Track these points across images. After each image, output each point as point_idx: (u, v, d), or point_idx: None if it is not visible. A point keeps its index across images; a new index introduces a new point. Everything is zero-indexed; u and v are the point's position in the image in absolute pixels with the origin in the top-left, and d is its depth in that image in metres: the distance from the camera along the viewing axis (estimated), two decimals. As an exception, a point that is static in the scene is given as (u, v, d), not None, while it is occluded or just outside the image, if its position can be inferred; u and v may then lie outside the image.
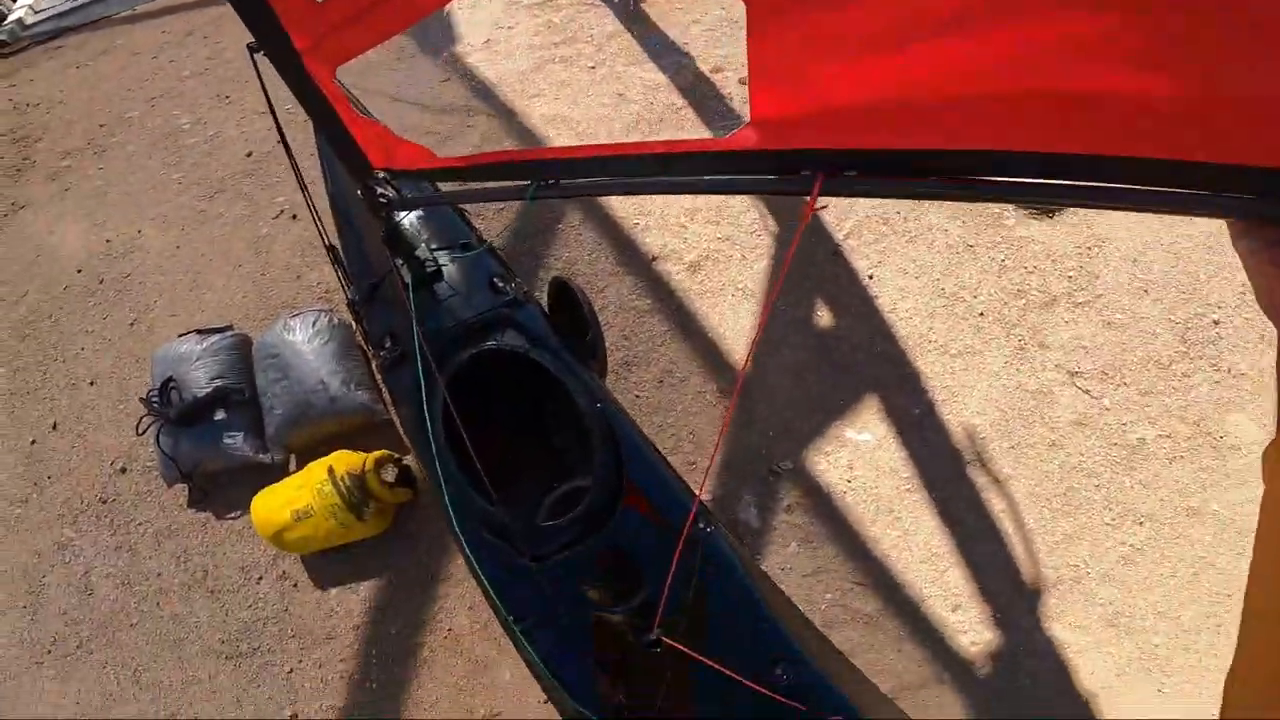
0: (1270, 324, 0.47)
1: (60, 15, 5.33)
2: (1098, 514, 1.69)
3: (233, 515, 2.06)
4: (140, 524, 2.14)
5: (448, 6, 2.56)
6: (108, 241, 2.59)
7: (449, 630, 1.79)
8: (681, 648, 0.98)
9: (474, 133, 2.61)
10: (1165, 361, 1.85)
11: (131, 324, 2.37)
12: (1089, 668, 1.53)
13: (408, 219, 1.51)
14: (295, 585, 1.99)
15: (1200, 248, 2.02)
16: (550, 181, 0.88)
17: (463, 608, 1.82)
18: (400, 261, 1.42)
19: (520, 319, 1.35)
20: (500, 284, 1.41)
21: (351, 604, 1.90)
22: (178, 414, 1.80)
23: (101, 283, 2.49)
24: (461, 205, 1.06)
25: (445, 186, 1.70)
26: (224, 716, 1.86)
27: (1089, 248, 2.04)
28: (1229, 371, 1.83)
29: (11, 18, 5.55)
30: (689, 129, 2.45)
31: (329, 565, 1.95)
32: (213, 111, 3.00)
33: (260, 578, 2.02)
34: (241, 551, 2.05)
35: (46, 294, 2.55)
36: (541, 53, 2.82)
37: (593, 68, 2.89)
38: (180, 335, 2.06)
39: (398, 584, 1.89)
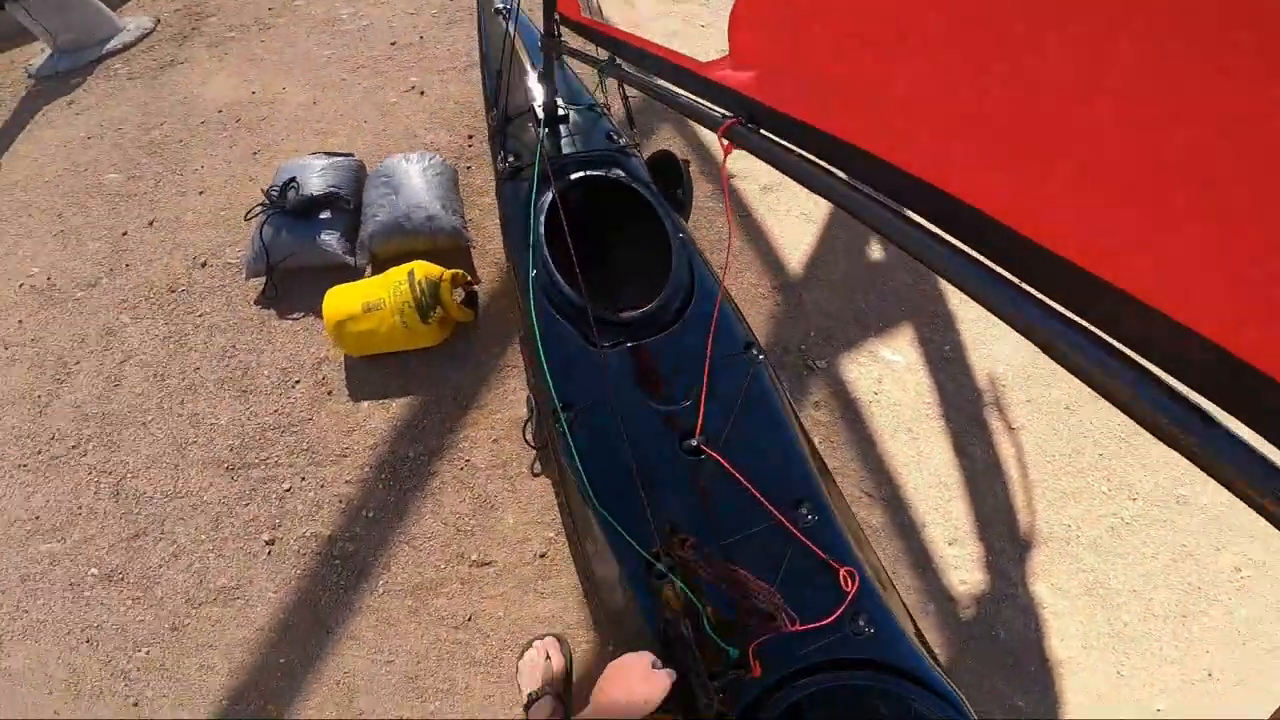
0: None
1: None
2: (1096, 481, 1.78)
3: (295, 315, 2.14)
4: (200, 315, 2.20)
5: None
6: (252, 93, 2.89)
7: (467, 461, 1.82)
8: (717, 457, 1.03)
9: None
10: None
11: (255, 153, 2.61)
12: (1061, 632, 1.56)
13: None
14: (330, 393, 1.99)
15: None
16: (617, 62, 1.19)
17: (487, 440, 1.85)
18: (537, 102, 1.69)
19: (626, 162, 1.55)
20: (614, 137, 1.64)
21: (377, 420, 1.92)
22: (292, 205, 2.01)
23: (238, 121, 2.76)
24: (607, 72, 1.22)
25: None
26: (196, 538, 1.82)
27: None
28: None
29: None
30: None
31: (370, 374, 2.00)
32: (370, 8, 3.33)
33: (298, 382, 2.03)
34: (289, 353, 2.08)
35: (183, 125, 2.83)
36: (661, 7, 3.03)
37: (703, 26, 3.07)
38: (310, 154, 2.27)
39: (431, 404, 1.92)
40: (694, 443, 1.07)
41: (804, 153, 0.61)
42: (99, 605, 1.81)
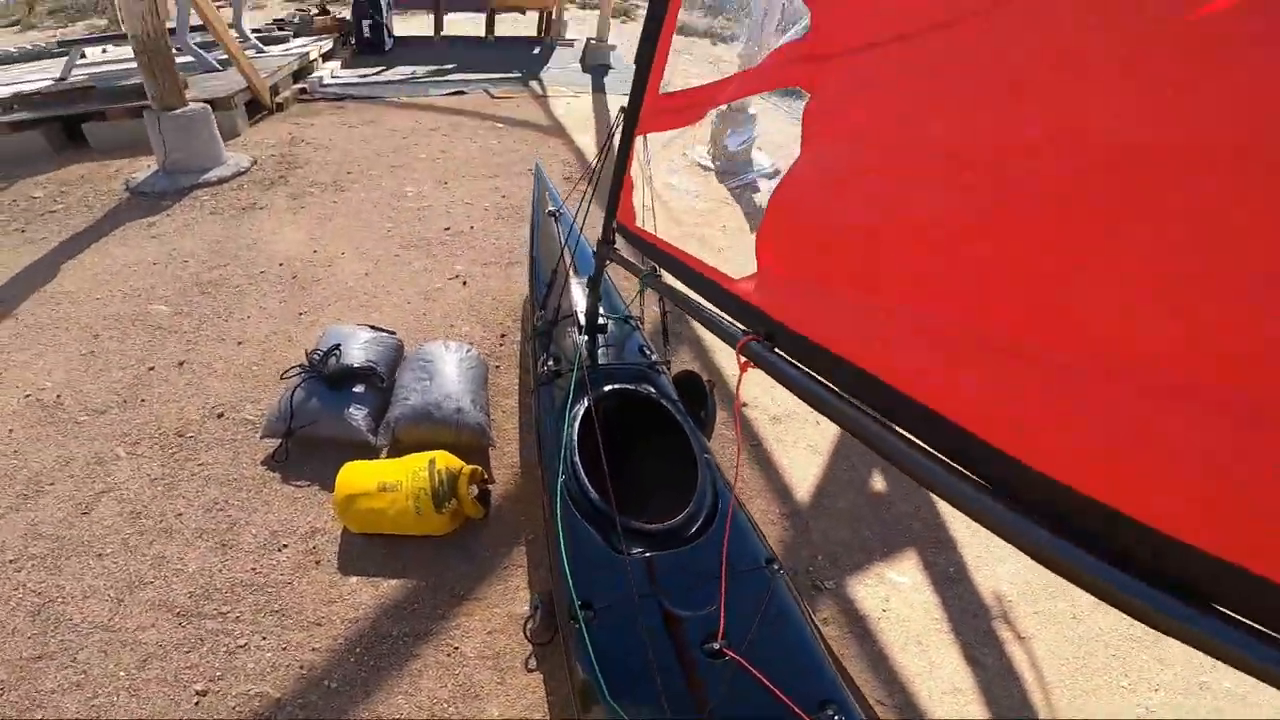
0: None
1: (347, 85, 6.71)
2: (1115, 677, 1.87)
3: (299, 483, 2.14)
4: (200, 464, 2.20)
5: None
6: (314, 252, 3.17)
7: (455, 649, 1.77)
8: (739, 659, 1.06)
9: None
10: None
11: (301, 314, 2.79)
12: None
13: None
14: (317, 562, 1.95)
15: None
16: (659, 274, 1.33)
17: (481, 631, 1.80)
18: (580, 309, 1.89)
19: (656, 379, 1.71)
20: (647, 351, 1.79)
21: (364, 596, 1.88)
22: (330, 372, 2.13)
23: (294, 278, 2.99)
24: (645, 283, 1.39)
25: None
26: (111, 673, 1.69)
27: None
28: None
29: (315, 74, 7.03)
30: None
31: (366, 551, 1.97)
32: (432, 190, 3.76)
33: (285, 546, 1.98)
34: (283, 517, 2.04)
35: (244, 270, 3.06)
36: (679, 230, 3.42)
37: (720, 250, 3.40)
38: (357, 324, 2.44)
39: (425, 589, 1.89)
40: (716, 646, 1.10)
41: (818, 377, 0.63)
42: None
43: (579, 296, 2.03)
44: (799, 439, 2.44)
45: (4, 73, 7.11)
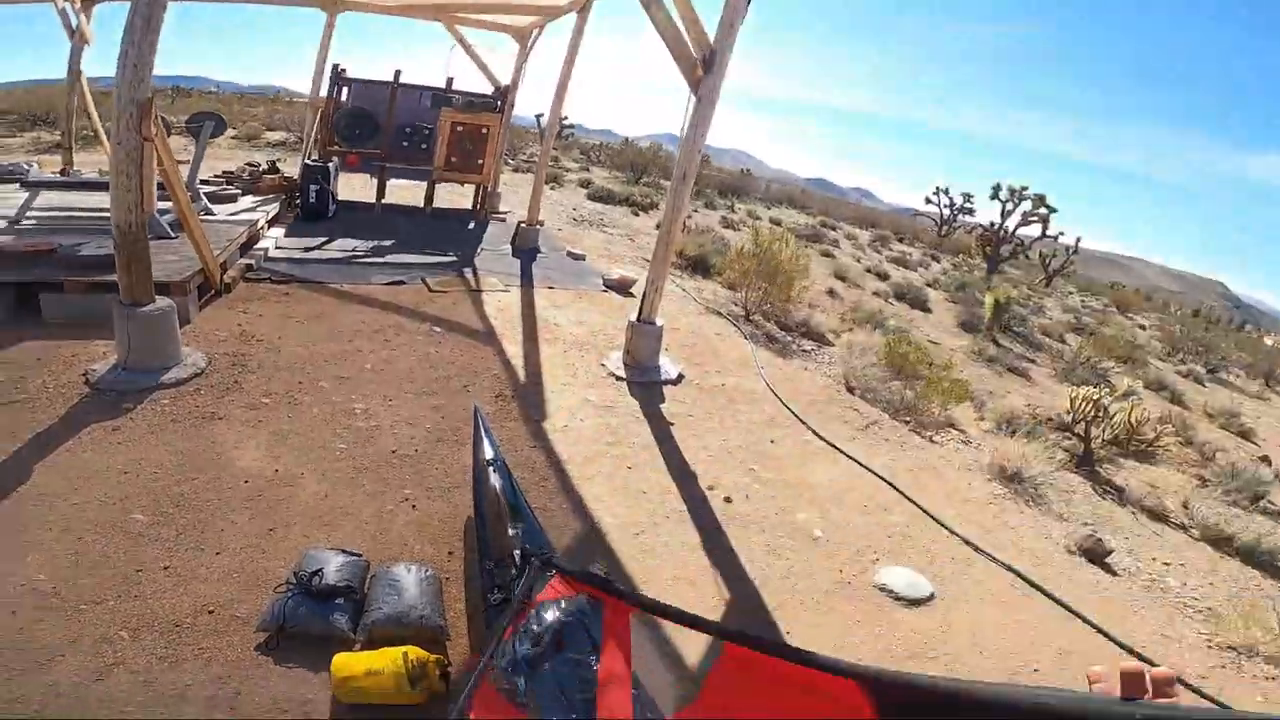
0: None
1: (292, 262, 7.38)
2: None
3: (289, 664, 2.63)
4: (200, 649, 2.64)
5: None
6: (275, 471, 3.82)
7: None
8: None
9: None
10: None
11: (270, 530, 3.44)
12: None
13: None
14: None
15: (1025, 627, 3.57)
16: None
17: None
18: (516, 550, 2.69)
19: None
20: None
21: None
22: (315, 589, 2.84)
23: (260, 496, 3.62)
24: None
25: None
26: None
27: (944, 628, 3.53)
28: None
29: (261, 243, 7.66)
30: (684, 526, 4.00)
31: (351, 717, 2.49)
32: (378, 407, 4.52)
33: (284, 711, 2.45)
34: (281, 689, 2.53)
35: (212, 486, 3.67)
36: (597, 447, 4.43)
37: (629, 468, 4.20)
38: (329, 547, 3.15)
39: None
40: None
41: None
42: None
43: (515, 537, 2.81)
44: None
45: None
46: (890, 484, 5.14)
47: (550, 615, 1.80)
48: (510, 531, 2.91)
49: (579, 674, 1.64)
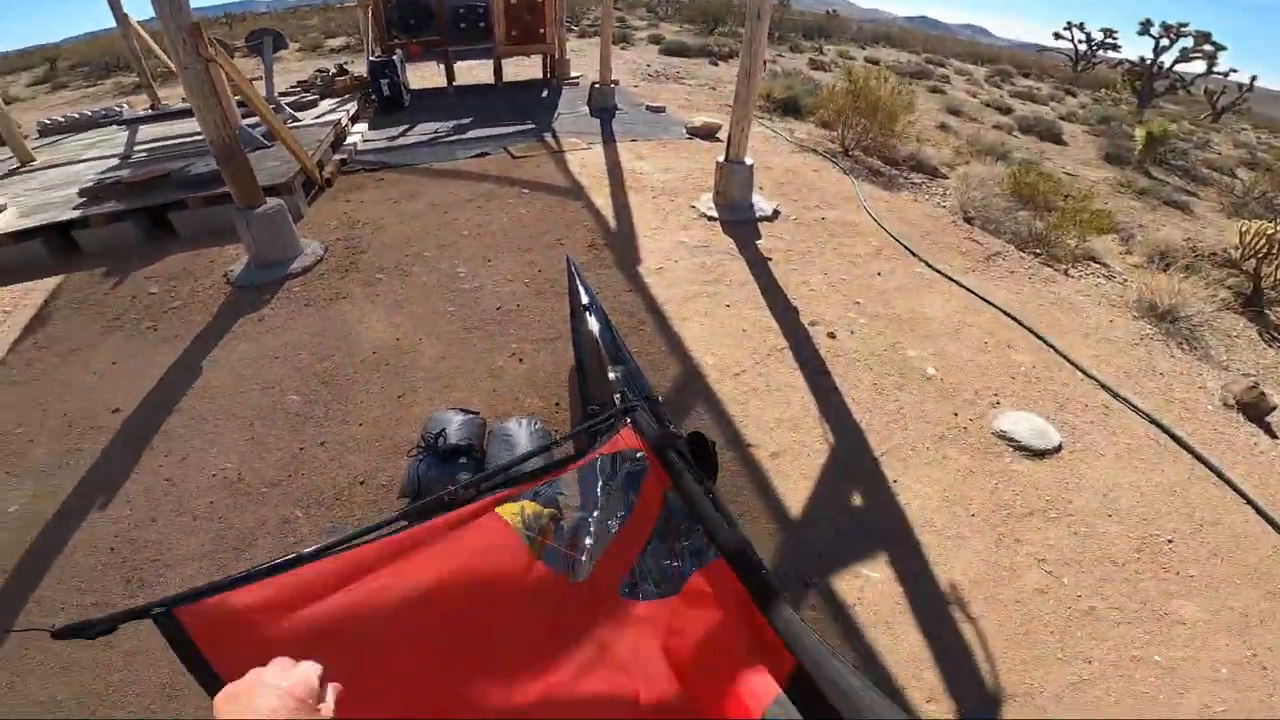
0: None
1: (380, 151, 7.46)
2: (1051, 650, 2.41)
3: None
4: (358, 520, 2.93)
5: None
6: (397, 340, 3.98)
7: None
8: None
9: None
10: (1120, 561, 2.80)
11: (399, 396, 3.61)
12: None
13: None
14: None
15: (1164, 490, 3.18)
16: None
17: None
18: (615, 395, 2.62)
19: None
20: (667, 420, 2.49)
21: None
22: (442, 450, 2.95)
23: (387, 365, 3.81)
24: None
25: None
26: None
27: (1069, 484, 3.19)
28: (1178, 574, 2.76)
29: (349, 140, 7.77)
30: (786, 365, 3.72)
31: None
32: (479, 269, 4.57)
33: None
34: None
35: (348, 360, 3.89)
36: (694, 288, 4.20)
37: (727, 306, 4.07)
38: (450, 408, 3.24)
39: None
40: None
41: None
42: None
43: (613, 379, 2.76)
44: (793, 469, 3.20)
45: (59, 150, 7.96)
46: (1014, 318, 4.43)
47: (606, 470, 1.70)
48: (610, 376, 2.87)
49: (599, 530, 1.59)
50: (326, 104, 9.01)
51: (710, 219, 5.66)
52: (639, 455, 1.69)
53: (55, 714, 2.26)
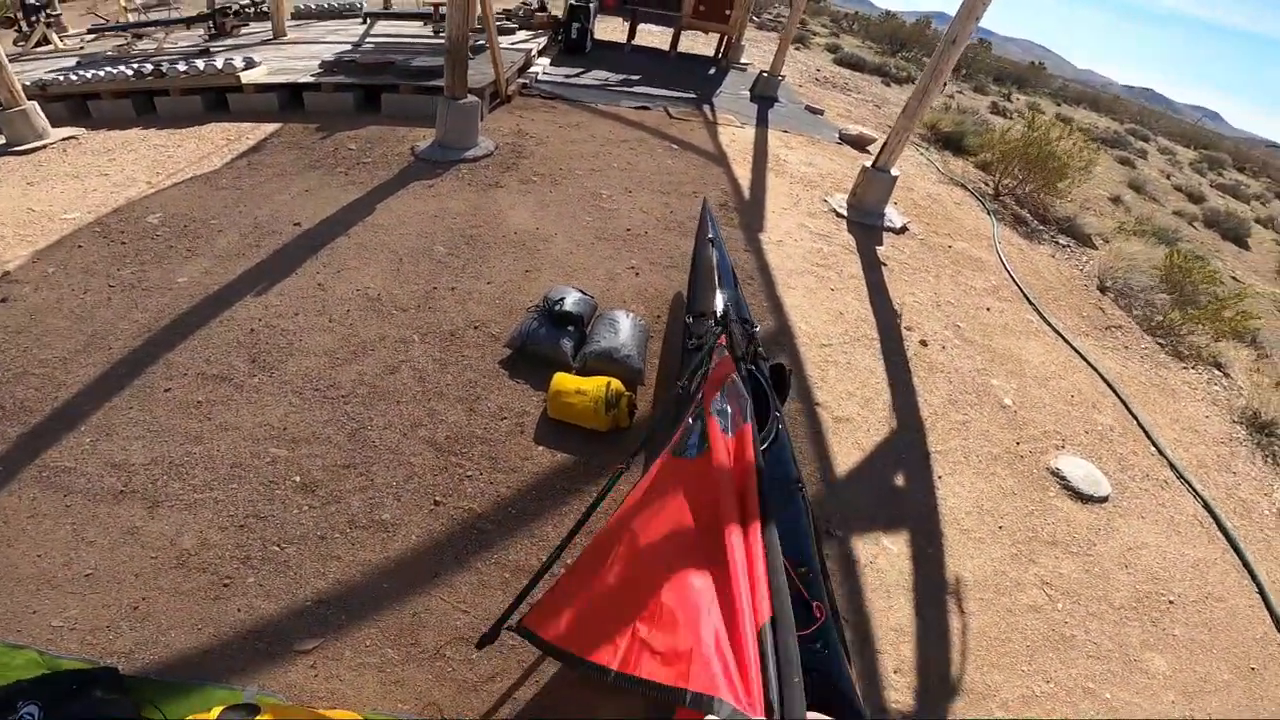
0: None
1: (556, 84, 7.84)
2: (1021, 661, 2.45)
3: (519, 381, 3.12)
4: (462, 356, 3.21)
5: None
6: (536, 229, 4.38)
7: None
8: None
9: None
10: (1117, 604, 2.78)
11: (526, 271, 3.98)
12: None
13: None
14: (522, 431, 2.85)
15: (1187, 562, 3.10)
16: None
17: (609, 497, 2.47)
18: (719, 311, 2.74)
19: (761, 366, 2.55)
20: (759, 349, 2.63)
21: (546, 460, 2.76)
22: (556, 314, 3.24)
23: (523, 245, 4.20)
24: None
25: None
26: (388, 482, 2.52)
27: (1100, 530, 3.12)
28: (1163, 630, 2.74)
29: (533, 69, 8.23)
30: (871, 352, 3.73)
31: (553, 432, 2.86)
32: (620, 196, 4.89)
33: (505, 418, 2.90)
34: (507, 400, 3.00)
35: (492, 233, 4.32)
36: (805, 265, 4.28)
37: (832, 290, 4.12)
38: (571, 286, 3.53)
39: (581, 463, 2.77)
40: None
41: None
42: (277, 503, 2.39)
43: (718, 300, 2.91)
44: (850, 437, 3.27)
45: (307, 31, 8.92)
46: (1110, 384, 4.23)
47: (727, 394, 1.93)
48: (718, 296, 3.05)
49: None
50: (522, 34, 9.62)
51: (839, 215, 5.66)
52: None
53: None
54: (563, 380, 2.95)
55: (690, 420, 1.83)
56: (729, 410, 1.81)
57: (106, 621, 2.02)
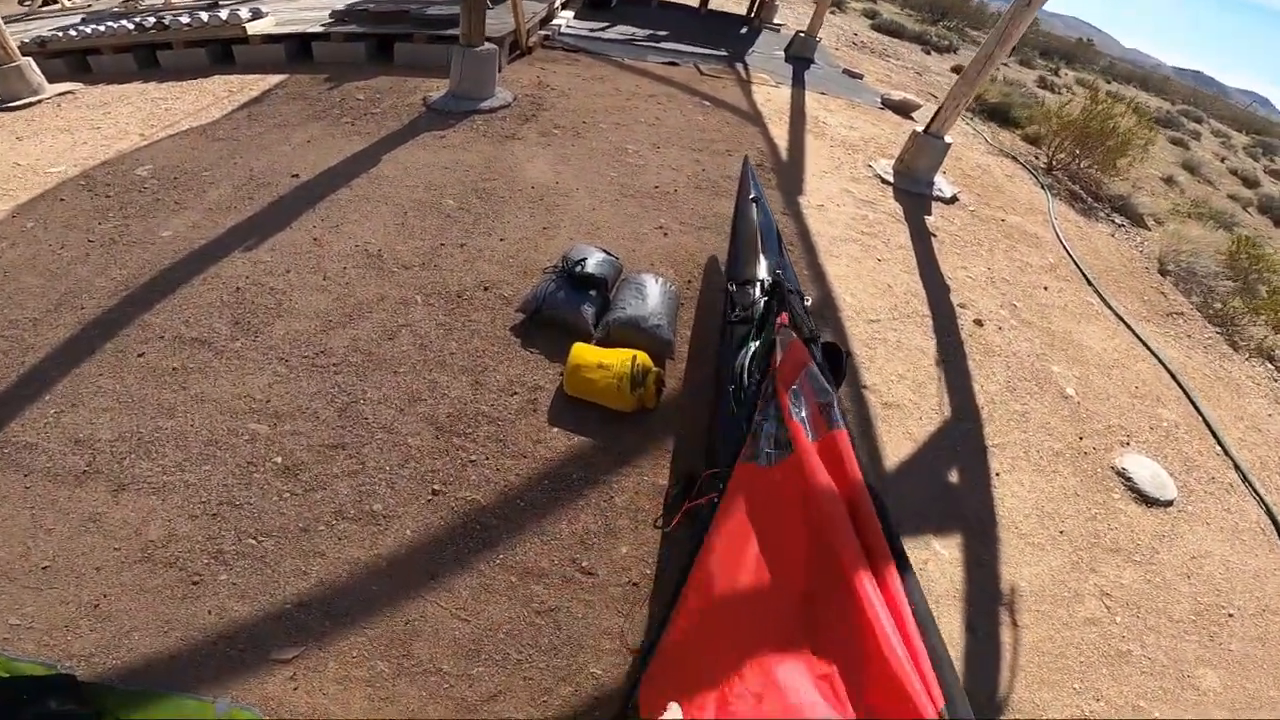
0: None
1: (579, 38, 7.33)
2: (1071, 679, 2.16)
3: (533, 350, 2.75)
4: (469, 320, 2.85)
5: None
6: (555, 183, 3.96)
7: (610, 498, 2.23)
8: None
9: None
10: (1176, 618, 2.45)
11: (544, 228, 3.58)
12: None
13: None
14: (535, 410, 2.49)
15: (1250, 573, 2.72)
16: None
17: (631, 489, 2.26)
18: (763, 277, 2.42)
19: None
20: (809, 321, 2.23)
21: (560, 443, 2.39)
22: (577, 275, 2.84)
23: (541, 200, 3.79)
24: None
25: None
26: (380, 466, 2.20)
27: (1164, 537, 2.74)
28: (1220, 645, 2.39)
29: (555, 21, 7.72)
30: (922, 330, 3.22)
31: (570, 411, 2.49)
32: (647, 152, 4.43)
33: (515, 393, 2.54)
34: (518, 372, 2.64)
35: (507, 186, 3.91)
36: (849, 233, 3.73)
37: (878, 260, 3.64)
38: (594, 246, 3.12)
39: (602, 449, 2.41)
40: None
41: None
42: (255, 488, 2.09)
43: (763, 267, 2.48)
44: (900, 426, 2.86)
45: None
46: (1175, 377, 3.79)
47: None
48: (761, 261, 2.63)
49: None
50: (545, -13, 9.04)
51: (885, 182, 5.14)
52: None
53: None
54: (582, 352, 2.57)
55: (761, 420, 1.49)
56: (806, 411, 1.47)
57: (65, 620, 1.77)
